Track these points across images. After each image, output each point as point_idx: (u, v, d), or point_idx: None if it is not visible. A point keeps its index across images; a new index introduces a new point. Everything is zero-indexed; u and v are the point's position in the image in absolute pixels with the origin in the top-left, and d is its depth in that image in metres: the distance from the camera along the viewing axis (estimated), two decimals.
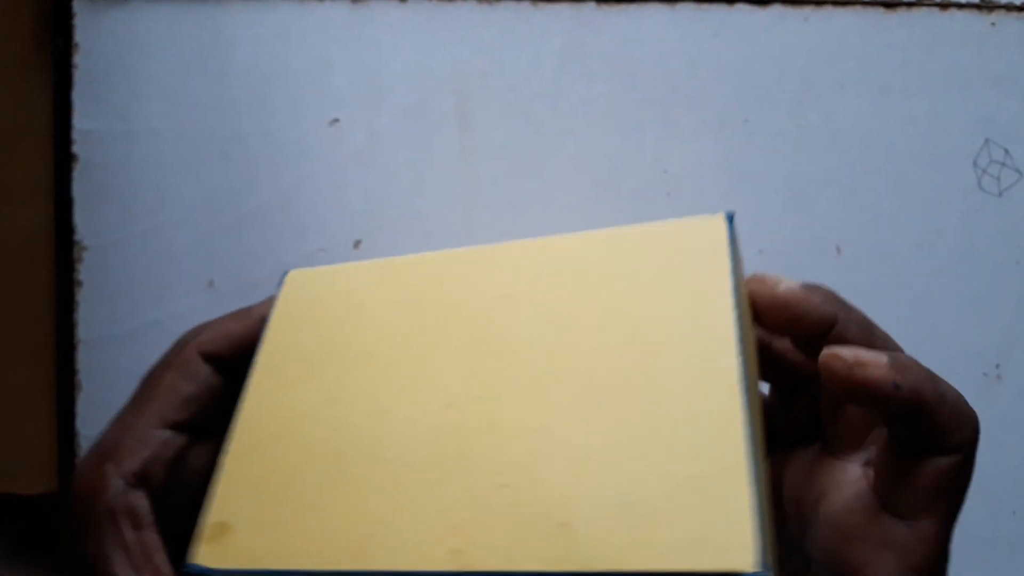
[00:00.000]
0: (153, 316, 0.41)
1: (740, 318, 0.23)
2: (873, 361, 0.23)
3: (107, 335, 0.41)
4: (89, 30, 0.41)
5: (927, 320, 0.40)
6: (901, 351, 0.25)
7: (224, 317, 0.32)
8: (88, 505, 0.28)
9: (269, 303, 0.32)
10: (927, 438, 0.24)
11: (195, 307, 0.41)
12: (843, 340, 0.25)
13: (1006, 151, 0.40)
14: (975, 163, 0.40)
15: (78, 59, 0.41)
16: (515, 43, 0.40)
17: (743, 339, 0.23)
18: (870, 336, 0.25)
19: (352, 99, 0.41)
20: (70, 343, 0.41)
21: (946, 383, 0.24)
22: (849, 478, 0.27)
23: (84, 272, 0.41)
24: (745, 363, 0.22)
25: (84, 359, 0.41)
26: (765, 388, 0.29)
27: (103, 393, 0.41)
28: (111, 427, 0.30)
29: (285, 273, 0.32)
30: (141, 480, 0.29)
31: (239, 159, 0.41)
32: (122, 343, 0.41)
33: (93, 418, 0.41)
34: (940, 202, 0.40)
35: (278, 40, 0.41)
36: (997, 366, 0.40)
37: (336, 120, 0.41)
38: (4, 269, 0.43)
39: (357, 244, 0.41)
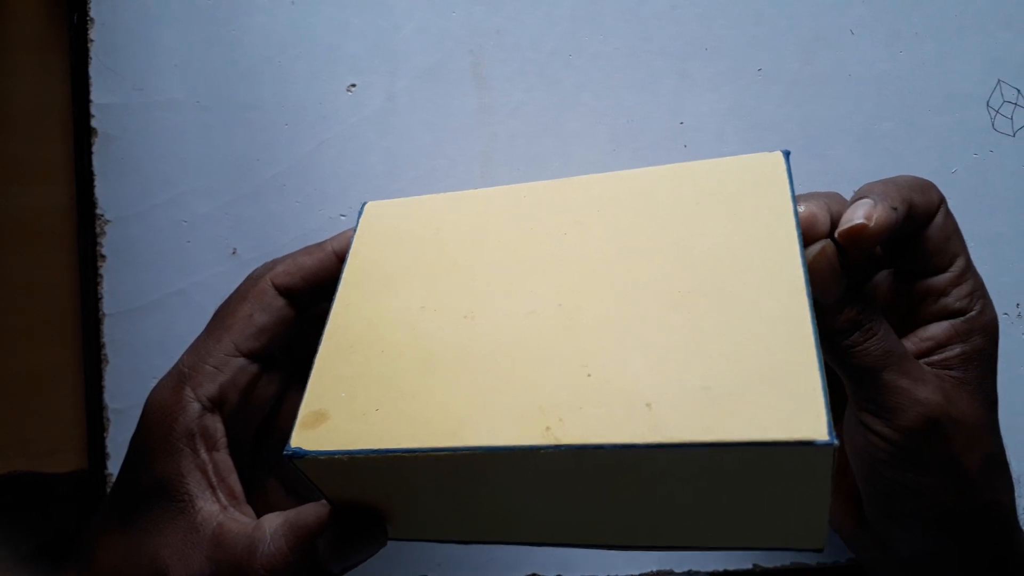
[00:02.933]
0: (177, 287, 0.41)
1: (800, 238, 0.26)
2: (875, 211, 0.28)
3: (132, 308, 0.41)
4: (104, 4, 0.41)
5: None
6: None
7: (298, 252, 0.33)
8: (166, 427, 0.29)
9: (342, 238, 0.33)
10: (920, 219, 0.29)
11: (219, 276, 0.41)
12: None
13: (1018, 91, 0.40)
14: (988, 104, 0.40)
15: (94, 33, 0.41)
16: (529, 0, 0.41)
17: (804, 257, 0.25)
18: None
19: (368, 63, 0.41)
20: (95, 317, 0.41)
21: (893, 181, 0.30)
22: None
23: (107, 246, 0.41)
24: (809, 290, 0.24)
25: (109, 332, 0.41)
26: None
27: (130, 366, 0.41)
28: (187, 353, 0.31)
29: (364, 204, 0.33)
30: (217, 404, 0.30)
31: (257, 127, 0.41)
32: (147, 315, 0.41)
33: (120, 391, 0.41)
34: (954, 144, 0.41)
35: (293, 7, 0.41)
36: (1017, 305, 0.41)
37: (353, 85, 0.41)
38: (27, 246, 0.43)
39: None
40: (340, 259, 0.32)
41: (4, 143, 0.42)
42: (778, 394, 0.22)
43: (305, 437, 0.26)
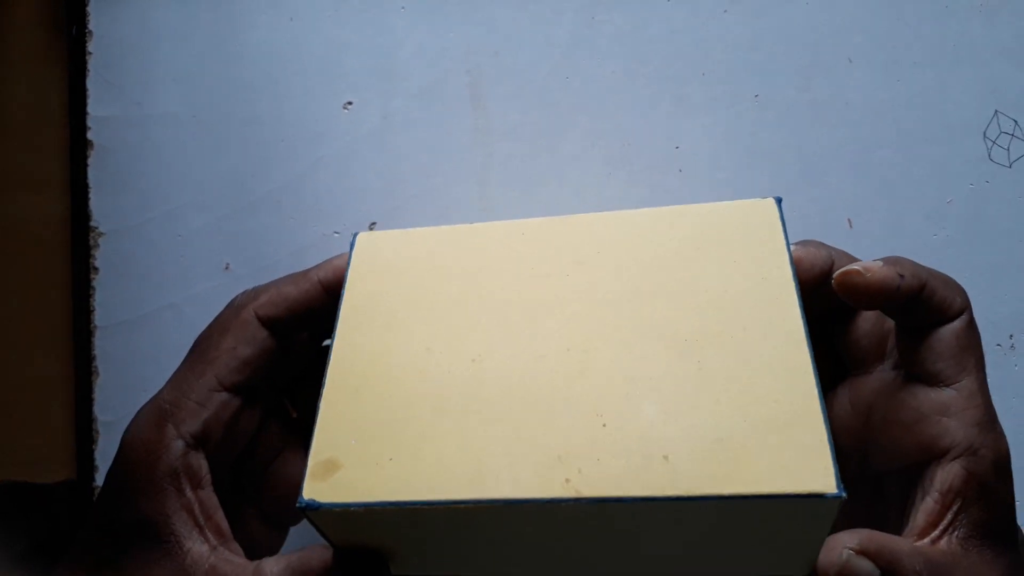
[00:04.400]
0: (169, 300, 0.41)
1: (797, 285, 0.27)
2: (876, 266, 0.27)
3: (123, 320, 0.41)
4: (103, 17, 0.41)
5: None
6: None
7: (280, 280, 0.32)
8: (148, 465, 0.28)
9: (327, 267, 0.32)
10: (934, 313, 0.28)
11: (211, 291, 0.41)
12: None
13: (1015, 122, 0.40)
14: (985, 135, 0.40)
15: (92, 46, 0.41)
16: (527, 22, 0.41)
17: (801, 304, 0.26)
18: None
19: (366, 81, 0.41)
20: (87, 329, 0.41)
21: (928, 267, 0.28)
22: (887, 381, 0.30)
23: (100, 258, 0.41)
24: (808, 338, 0.25)
25: (101, 345, 0.41)
26: None
27: (120, 378, 0.41)
28: (168, 388, 0.30)
29: (355, 236, 0.32)
30: (200, 441, 0.29)
31: (254, 143, 0.41)
32: (139, 328, 0.41)
33: (110, 404, 0.41)
34: (950, 174, 0.40)
35: (292, 23, 0.41)
36: (1011, 336, 0.40)
37: (350, 103, 0.41)
38: (21, 257, 0.43)
39: (372, 226, 0.41)
40: (325, 289, 0.31)
41: (1, 153, 0.43)
42: (788, 446, 0.23)
43: (318, 489, 0.25)
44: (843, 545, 0.26)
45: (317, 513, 0.25)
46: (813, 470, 0.23)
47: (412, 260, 0.31)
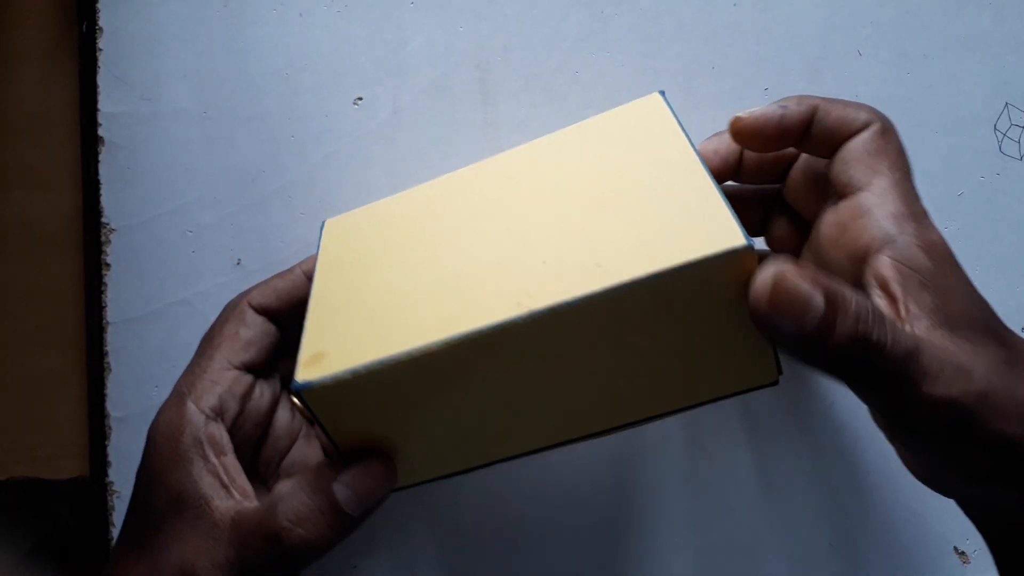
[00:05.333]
0: (181, 296, 0.41)
1: (692, 143, 0.30)
2: (759, 107, 0.30)
3: (135, 316, 0.42)
4: (113, 13, 0.41)
5: None
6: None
7: (270, 277, 0.35)
8: (173, 441, 0.31)
9: (308, 260, 0.35)
10: (837, 133, 0.29)
11: (223, 286, 0.41)
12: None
13: None
14: (995, 127, 0.40)
15: (103, 43, 0.41)
16: (536, 17, 0.41)
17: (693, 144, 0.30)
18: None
19: (375, 76, 0.41)
20: (99, 325, 0.42)
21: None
22: (821, 214, 0.31)
23: (112, 254, 0.42)
24: (701, 158, 0.29)
25: (113, 341, 0.42)
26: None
27: (132, 374, 0.42)
28: (183, 377, 0.33)
29: (323, 222, 0.36)
30: (218, 413, 0.32)
31: (264, 138, 0.41)
32: (150, 324, 0.42)
33: (122, 400, 0.42)
34: (961, 167, 0.40)
35: (301, 19, 0.41)
36: (1023, 329, 0.40)
37: (360, 98, 0.41)
38: (32, 253, 0.43)
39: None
40: (309, 279, 0.34)
41: (11, 150, 0.43)
42: (694, 228, 0.26)
43: (308, 372, 0.27)
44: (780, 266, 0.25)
45: (311, 393, 0.27)
46: (718, 233, 0.25)
47: (373, 220, 0.35)
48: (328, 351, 0.28)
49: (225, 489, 0.30)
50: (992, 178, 0.40)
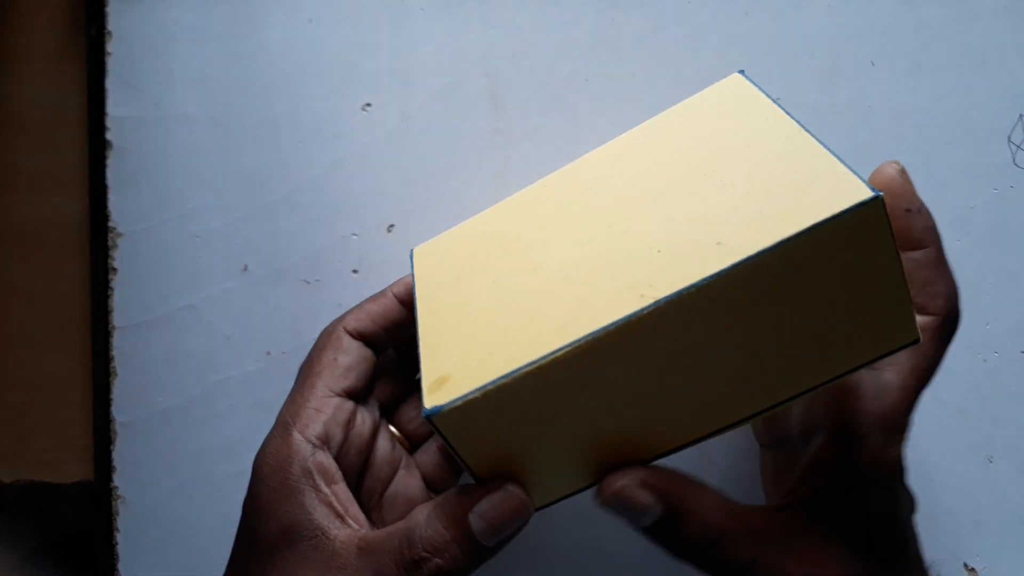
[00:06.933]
0: (187, 301, 0.41)
1: (788, 112, 0.29)
2: (912, 187, 0.29)
3: (141, 321, 0.41)
4: (122, 18, 0.41)
5: (961, 297, 0.40)
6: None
7: (363, 301, 0.35)
8: (282, 472, 0.30)
9: (400, 283, 0.35)
10: (916, 288, 0.28)
11: (229, 292, 0.41)
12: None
13: None
14: (1009, 139, 0.40)
15: (111, 47, 0.41)
16: (546, 24, 0.40)
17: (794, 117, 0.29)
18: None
19: (384, 83, 0.41)
20: (105, 329, 0.42)
21: None
22: None
23: (118, 259, 0.41)
24: (805, 127, 0.28)
25: (119, 346, 0.42)
26: None
27: (138, 379, 0.42)
28: (285, 407, 0.32)
29: (412, 251, 0.35)
30: (324, 442, 0.31)
31: (272, 144, 0.41)
32: (156, 329, 0.41)
33: (128, 405, 0.42)
34: (974, 179, 0.40)
35: (309, 25, 0.41)
36: None
37: (368, 104, 0.41)
38: (39, 257, 0.43)
39: (390, 228, 0.41)
40: (400, 301, 0.34)
41: (19, 153, 0.43)
42: (818, 188, 0.25)
43: (436, 397, 0.27)
44: (627, 476, 0.28)
45: (442, 416, 0.26)
46: (842, 189, 0.24)
47: (463, 239, 0.34)
48: (451, 374, 0.27)
49: (340, 518, 0.29)
50: (1005, 191, 0.40)
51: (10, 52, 0.42)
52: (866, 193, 0.24)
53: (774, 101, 0.30)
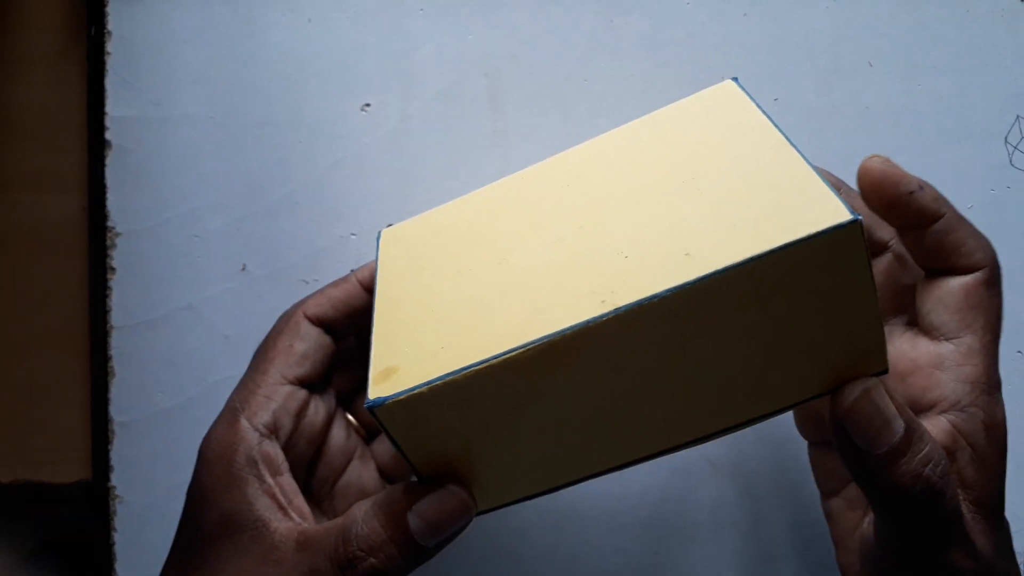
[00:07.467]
0: (186, 301, 0.41)
1: (777, 125, 0.28)
2: (899, 167, 0.27)
3: (140, 321, 0.41)
4: (122, 18, 0.41)
5: None
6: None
7: (325, 286, 0.34)
8: (226, 460, 0.29)
9: (364, 268, 0.34)
10: (947, 254, 0.27)
11: (229, 292, 0.41)
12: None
13: None
14: (1006, 140, 0.40)
15: (111, 46, 0.41)
16: (546, 25, 0.41)
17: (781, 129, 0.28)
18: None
19: (384, 83, 0.41)
20: (103, 329, 0.41)
21: None
22: (894, 332, 0.29)
23: (117, 258, 0.41)
24: (791, 141, 0.27)
25: (117, 345, 0.41)
26: None
27: (136, 379, 0.41)
28: (235, 392, 0.32)
29: (380, 232, 0.34)
30: (272, 431, 0.30)
31: (272, 144, 0.41)
32: (155, 329, 0.41)
33: (126, 404, 0.41)
34: (971, 179, 0.40)
35: (310, 25, 0.41)
36: None
37: (368, 104, 0.41)
38: (38, 256, 0.43)
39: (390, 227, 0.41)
40: (365, 287, 0.33)
41: (19, 153, 0.43)
42: (790, 207, 0.24)
43: (381, 388, 0.26)
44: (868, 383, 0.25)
45: (384, 409, 0.25)
46: (821, 210, 0.23)
47: (434, 228, 0.33)
48: (400, 365, 0.26)
49: (283, 511, 0.28)
50: (1003, 191, 0.40)
51: (10, 52, 0.42)
52: (844, 216, 0.23)
53: (764, 112, 0.29)
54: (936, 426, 0.27)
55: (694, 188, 0.27)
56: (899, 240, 0.30)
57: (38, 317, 0.43)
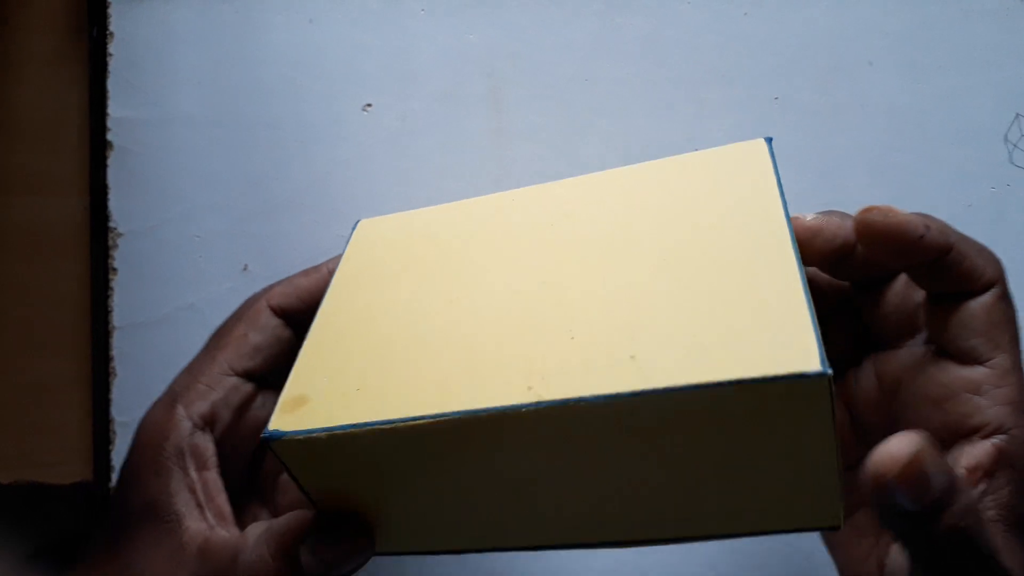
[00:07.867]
0: (187, 301, 0.41)
1: (787, 210, 0.25)
2: (903, 212, 0.25)
3: (141, 321, 0.41)
4: (124, 19, 0.41)
5: None
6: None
7: (294, 274, 0.33)
8: (156, 446, 0.29)
9: (336, 259, 0.33)
10: (963, 281, 0.26)
11: (230, 292, 0.41)
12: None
13: None
14: (1006, 138, 0.40)
15: (113, 47, 0.41)
16: (547, 25, 0.41)
17: (792, 234, 0.24)
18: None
19: (385, 84, 0.41)
20: (105, 330, 0.42)
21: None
22: (916, 356, 0.28)
23: (119, 259, 0.41)
24: (796, 247, 0.24)
25: (119, 345, 0.41)
26: None
27: (138, 379, 0.41)
28: (181, 374, 0.31)
29: (357, 221, 0.34)
30: (208, 423, 0.30)
31: (272, 145, 0.41)
32: (157, 329, 0.41)
33: (128, 405, 0.41)
34: (970, 177, 0.40)
35: (311, 25, 0.41)
36: None
37: (369, 105, 0.41)
38: (39, 257, 0.43)
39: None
40: None
41: (20, 154, 0.43)
42: (768, 336, 0.21)
43: (283, 420, 0.24)
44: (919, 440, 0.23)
45: (281, 444, 0.24)
46: (792, 351, 0.20)
47: (407, 234, 0.31)
48: (311, 397, 0.25)
49: (199, 508, 0.28)
50: (1002, 189, 0.40)
51: (11, 52, 0.42)
52: (814, 365, 0.20)
53: (780, 190, 0.26)
54: (980, 449, 0.26)
55: (673, 266, 0.25)
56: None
57: (39, 318, 0.43)
